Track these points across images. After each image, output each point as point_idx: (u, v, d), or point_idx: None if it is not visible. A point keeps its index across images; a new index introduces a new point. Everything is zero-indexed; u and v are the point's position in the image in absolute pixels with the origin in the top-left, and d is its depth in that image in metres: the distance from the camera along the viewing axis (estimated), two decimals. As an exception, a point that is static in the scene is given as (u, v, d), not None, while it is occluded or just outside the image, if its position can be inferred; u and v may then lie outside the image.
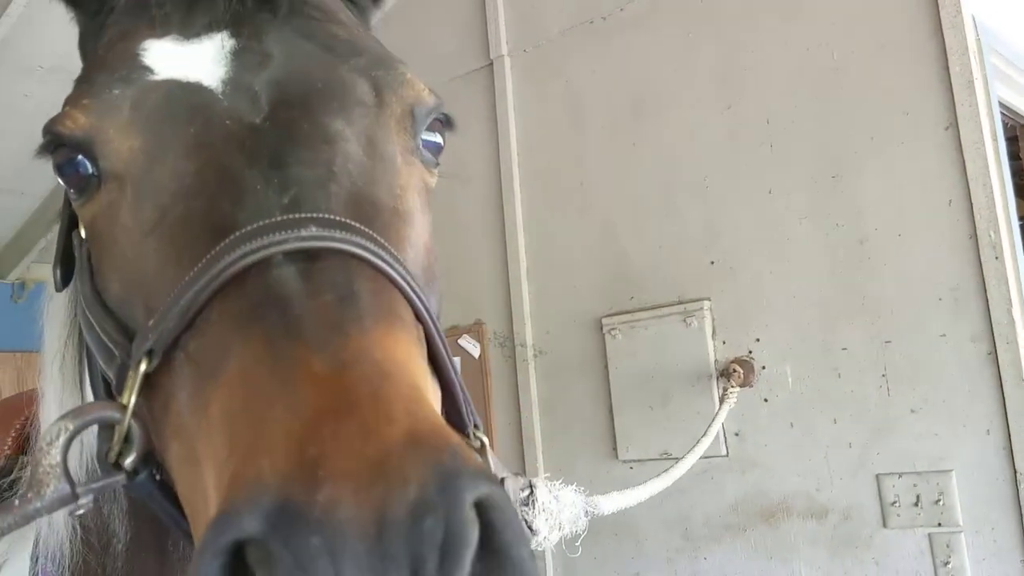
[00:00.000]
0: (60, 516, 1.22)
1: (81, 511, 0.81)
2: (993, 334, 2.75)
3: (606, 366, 3.58)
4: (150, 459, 0.82)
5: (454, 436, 0.64)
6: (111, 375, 0.88)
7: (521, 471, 3.60)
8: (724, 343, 3.28)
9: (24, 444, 1.85)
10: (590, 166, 3.73)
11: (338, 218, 0.80)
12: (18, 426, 1.88)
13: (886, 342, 2.93)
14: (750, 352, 3.20)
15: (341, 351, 0.68)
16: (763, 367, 3.16)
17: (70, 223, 1.04)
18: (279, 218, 0.78)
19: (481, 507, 0.61)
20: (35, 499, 0.77)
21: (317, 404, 0.63)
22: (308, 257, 0.76)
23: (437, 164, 1.04)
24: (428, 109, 1.01)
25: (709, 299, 3.32)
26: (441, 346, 0.84)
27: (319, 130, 0.88)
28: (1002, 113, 3.71)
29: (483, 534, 0.61)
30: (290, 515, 0.57)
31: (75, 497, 0.79)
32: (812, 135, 3.13)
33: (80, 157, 0.92)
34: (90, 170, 0.92)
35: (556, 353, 3.77)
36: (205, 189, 0.83)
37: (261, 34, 0.95)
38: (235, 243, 0.76)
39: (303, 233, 0.77)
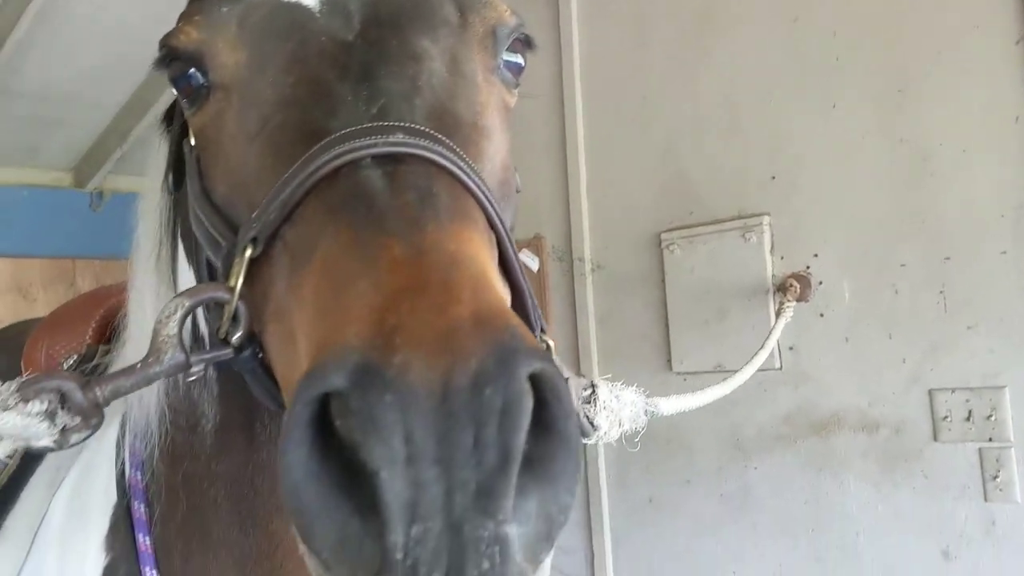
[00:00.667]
0: (152, 398, 1.35)
1: (192, 377, 0.92)
2: (1055, 252, 2.74)
3: (663, 280, 3.63)
4: (253, 339, 0.92)
5: (515, 318, 0.71)
6: (218, 264, 0.97)
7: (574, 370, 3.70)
8: (782, 258, 3.30)
9: (104, 334, 1.99)
10: (653, 81, 3.73)
11: (422, 128, 0.87)
12: (98, 317, 2.01)
13: (945, 259, 2.93)
14: (807, 267, 3.22)
15: (419, 241, 0.76)
16: (820, 282, 3.19)
17: (181, 133, 1.14)
18: (368, 124, 0.85)
19: (535, 380, 0.68)
20: (155, 364, 0.88)
21: (396, 284, 0.71)
22: (393, 160, 0.84)
23: (517, 84, 1.11)
24: (509, 29, 1.08)
25: (769, 214, 3.34)
26: (511, 252, 0.91)
27: (406, 47, 0.96)
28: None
29: (537, 404, 0.68)
30: (369, 374, 0.66)
31: (188, 365, 0.89)
32: (879, 48, 3.09)
33: (192, 69, 1.01)
34: (201, 81, 1.02)
35: (614, 267, 3.83)
36: (302, 99, 0.91)
37: None
38: (329, 145, 0.84)
39: (390, 139, 0.84)
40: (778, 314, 3.14)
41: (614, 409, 1.12)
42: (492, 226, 0.89)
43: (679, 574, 3.56)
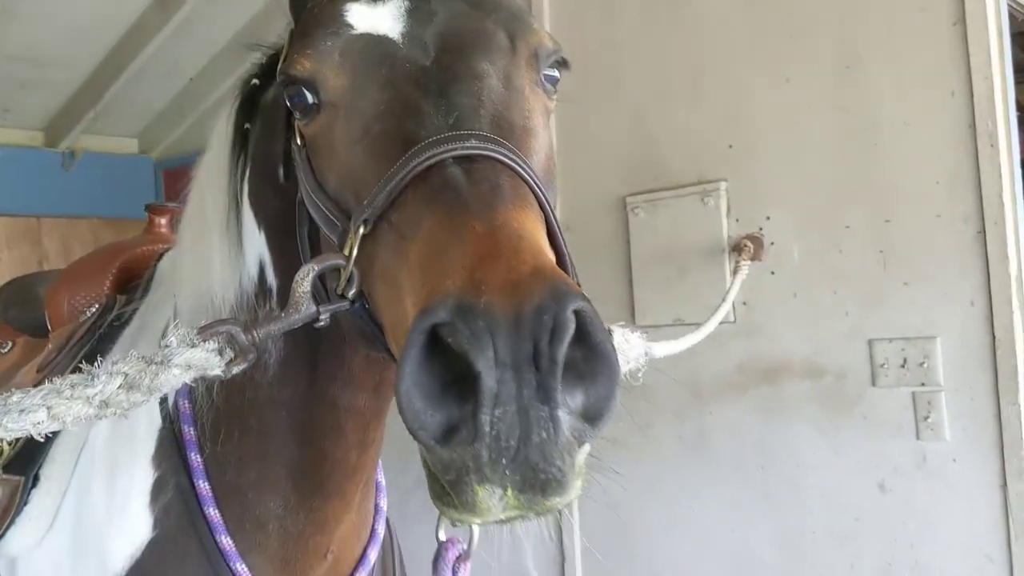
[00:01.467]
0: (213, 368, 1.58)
1: (321, 323, 1.19)
2: (983, 215, 3.03)
3: (628, 241, 3.88)
4: (361, 296, 1.18)
5: (562, 273, 0.99)
6: (334, 238, 1.23)
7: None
8: (737, 221, 3.57)
9: (120, 285, 2.17)
10: (620, 54, 3.95)
11: (489, 134, 1.13)
12: (115, 270, 2.19)
13: (886, 221, 3.22)
14: (760, 229, 3.50)
15: (492, 219, 1.03)
16: (772, 243, 3.47)
17: (288, 136, 1.40)
18: (449, 133, 1.12)
19: (578, 313, 0.94)
20: (294, 313, 1.16)
21: (478, 251, 0.98)
22: (469, 160, 1.10)
23: (555, 92, 1.39)
24: (548, 51, 1.35)
25: (726, 180, 3.60)
26: (556, 225, 1.17)
27: (471, 69, 1.22)
28: (1015, 8, 3.90)
29: (579, 331, 0.94)
30: (465, 309, 0.93)
31: (318, 314, 1.17)
32: (830, 27, 3.34)
33: (305, 91, 1.27)
34: (311, 100, 1.27)
35: (582, 229, 4.07)
36: (396, 112, 1.18)
37: None
38: (421, 150, 1.10)
39: (466, 144, 1.11)
40: (734, 272, 3.41)
41: (624, 350, 1.38)
42: (541, 206, 1.14)
43: (641, 511, 3.85)
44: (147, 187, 6.79)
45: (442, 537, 1.36)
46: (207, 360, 1.11)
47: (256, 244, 1.56)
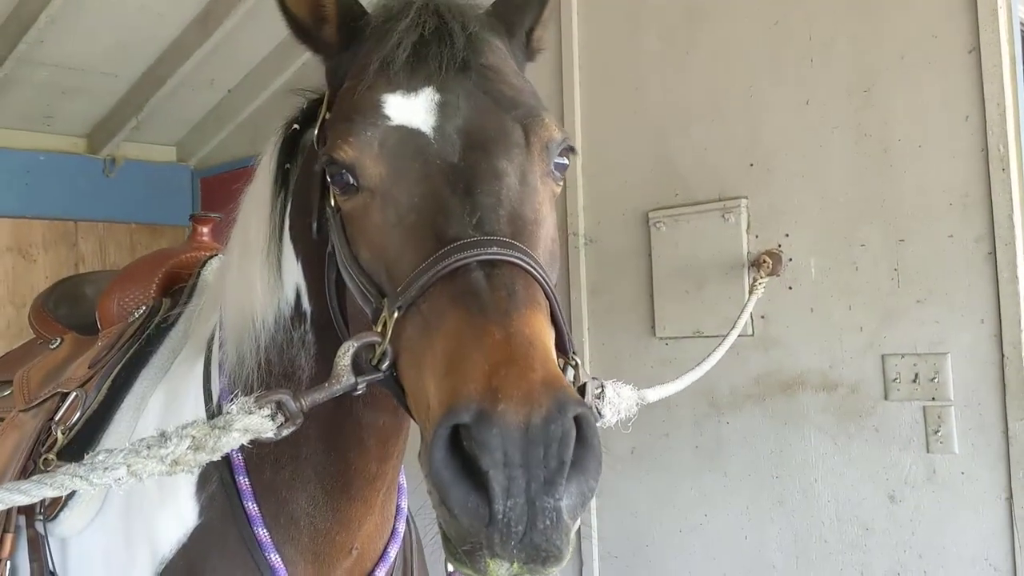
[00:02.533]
0: (248, 353, 1.75)
1: (359, 392, 1.34)
2: (994, 236, 3.13)
3: (650, 255, 4.01)
4: (393, 367, 1.34)
5: (565, 381, 1.18)
6: (367, 311, 1.40)
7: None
8: (757, 237, 3.69)
9: (165, 289, 2.31)
10: (644, 73, 4.09)
11: (507, 239, 1.31)
12: (161, 276, 2.33)
13: (900, 240, 3.33)
14: (779, 246, 3.62)
15: (508, 326, 1.19)
16: (790, 259, 3.58)
17: (322, 196, 1.55)
18: (474, 238, 1.29)
19: (577, 419, 1.13)
20: (335, 384, 1.31)
21: (495, 357, 1.15)
22: (491, 265, 1.27)
23: (562, 177, 1.54)
24: (558, 143, 1.49)
25: (746, 197, 3.72)
26: (557, 308, 1.33)
27: (493, 169, 1.38)
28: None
29: (577, 433, 1.13)
30: (483, 415, 1.11)
31: (356, 385, 1.32)
32: (849, 52, 3.47)
33: (347, 174, 1.42)
34: (352, 182, 1.42)
35: (605, 242, 4.21)
36: (427, 207, 1.34)
37: (456, 89, 1.43)
38: (450, 252, 1.27)
39: (489, 251, 1.28)
40: (752, 288, 3.52)
41: (615, 403, 1.53)
42: (547, 295, 1.31)
43: (658, 517, 3.96)
44: (184, 194, 6.98)
45: (450, 568, 1.50)
46: (262, 425, 1.26)
47: (294, 273, 1.72)
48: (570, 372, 1.36)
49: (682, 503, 3.89)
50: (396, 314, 1.29)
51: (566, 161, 1.53)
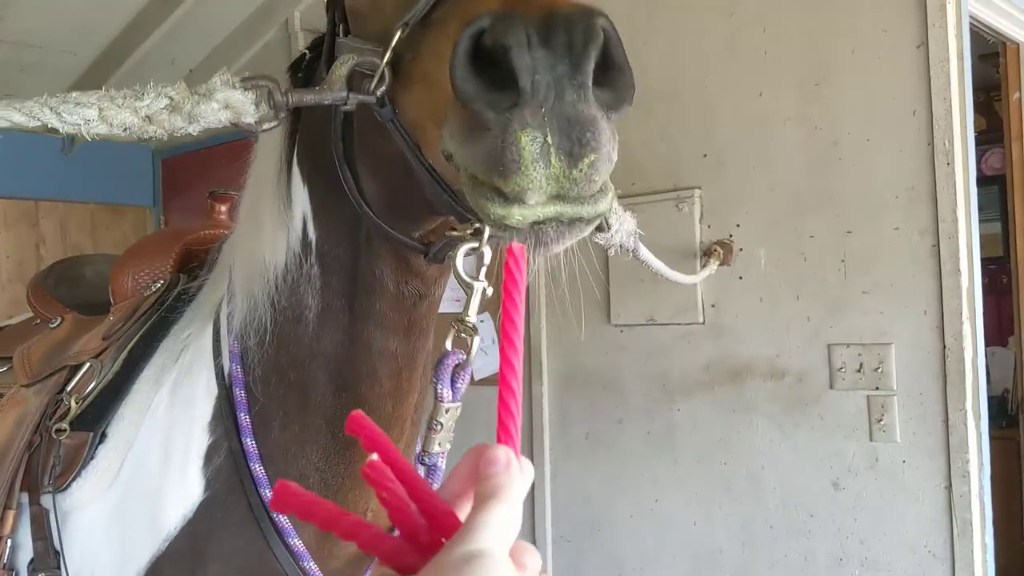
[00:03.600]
0: (262, 296, 1.66)
1: (348, 106, 1.25)
2: (938, 229, 3.19)
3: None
4: (392, 101, 1.24)
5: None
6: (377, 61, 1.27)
7: (526, 332, 4.10)
8: (709, 227, 3.73)
9: (182, 265, 2.25)
10: (603, 61, 4.10)
11: None
12: (178, 250, 2.27)
13: (847, 232, 3.38)
14: (731, 236, 3.66)
15: None
16: (740, 249, 3.63)
17: (331, 43, 1.46)
18: None
19: (604, 31, 1.03)
20: (327, 91, 1.24)
21: None
22: None
23: None
24: None
25: (700, 188, 3.76)
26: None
27: None
28: (985, 31, 4.07)
29: (603, 49, 1.03)
30: (503, 16, 1.00)
31: (347, 99, 1.24)
32: (801, 45, 3.50)
33: None
34: None
35: (562, 229, 4.23)
36: None
37: None
38: None
39: None
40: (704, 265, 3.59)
41: (621, 219, 1.49)
42: None
43: (609, 500, 4.02)
44: (146, 175, 6.90)
45: (448, 347, 1.43)
46: (243, 104, 1.19)
47: (302, 200, 1.63)
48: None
49: (634, 488, 3.95)
50: (400, 33, 1.17)
51: None
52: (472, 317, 1.41)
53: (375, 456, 0.67)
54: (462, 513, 0.67)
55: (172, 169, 6.69)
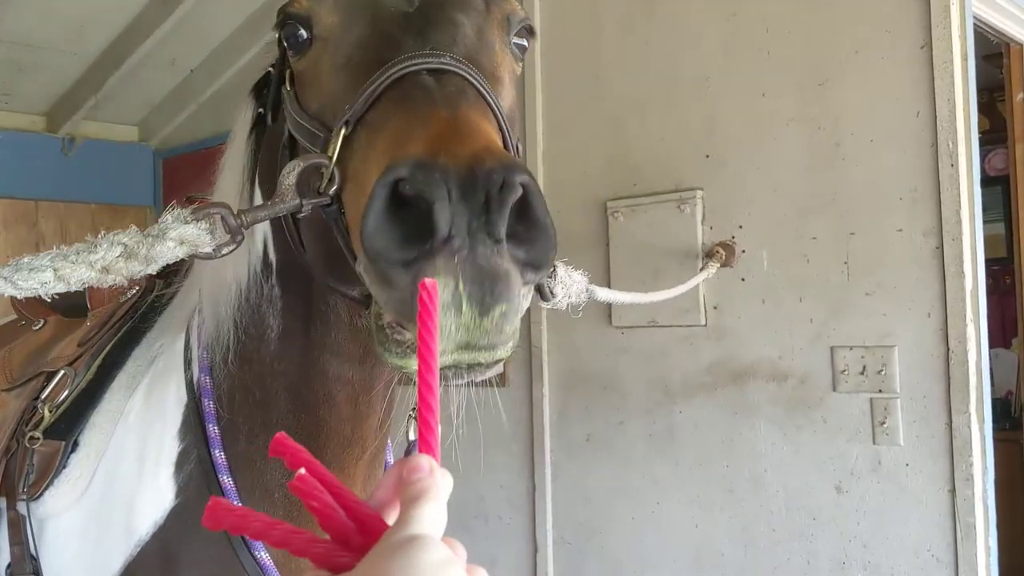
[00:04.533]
0: (226, 312, 1.70)
1: (303, 214, 1.27)
2: (942, 231, 3.17)
3: (607, 244, 4.02)
4: (339, 199, 1.27)
5: (513, 156, 1.11)
6: (316, 148, 1.33)
7: (526, 331, 4.09)
8: (711, 228, 3.71)
9: (159, 271, 2.26)
10: (605, 61, 4.09)
11: (462, 58, 1.25)
12: None
13: (850, 233, 3.36)
14: (733, 237, 3.64)
15: (455, 111, 1.14)
16: (743, 251, 3.61)
17: (280, 81, 1.53)
18: (425, 51, 1.24)
19: (524, 185, 1.03)
20: (279, 203, 1.25)
21: (440, 129, 1.08)
22: (441, 72, 1.22)
23: (521, 60, 1.51)
24: (518, 19, 1.47)
25: (702, 189, 3.74)
26: (513, 151, 1.27)
27: (449, 18, 1.34)
28: (988, 31, 4.05)
29: (522, 203, 1.04)
30: (423, 165, 1.02)
31: (300, 206, 1.26)
32: (804, 46, 3.48)
33: (300, 29, 1.40)
34: (305, 36, 1.40)
35: (564, 231, 4.14)
36: (377, 43, 1.30)
37: None
38: (398, 62, 1.22)
39: (441, 60, 1.23)
40: (703, 267, 3.57)
41: (567, 284, 1.51)
42: (500, 128, 1.25)
43: (611, 502, 4.00)
44: (146, 175, 6.90)
45: (411, 437, 1.46)
46: (199, 237, 1.20)
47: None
48: None
49: (635, 491, 3.93)
50: (343, 131, 1.23)
51: (525, 43, 1.50)
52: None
53: (303, 471, 0.73)
54: (390, 519, 0.71)
55: (173, 169, 6.68)
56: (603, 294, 1.86)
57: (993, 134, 5.56)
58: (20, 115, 6.36)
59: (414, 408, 1.46)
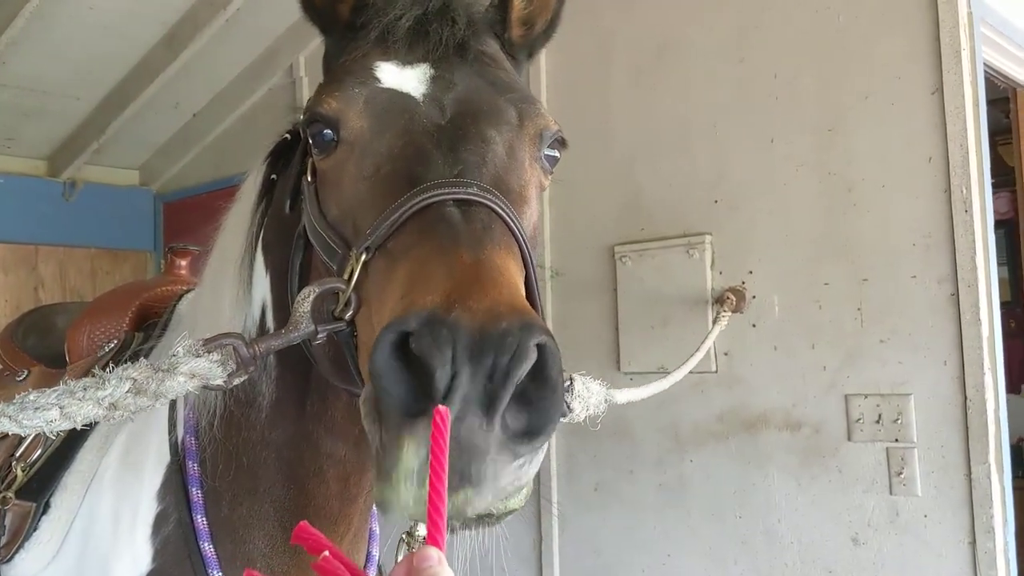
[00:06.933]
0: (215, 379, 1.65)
1: (318, 341, 1.24)
2: (957, 278, 3.13)
3: (615, 289, 3.98)
4: (352, 322, 1.24)
5: (533, 311, 1.06)
6: (332, 264, 1.31)
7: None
8: (721, 273, 3.67)
9: (138, 323, 2.23)
10: (613, 105, 4.08)
11: (488, 187, 1.22)
12: (135, 308, 2.24)
13: (863, 280, 3.32)
14: (743, 283, 3.60)
15: (480, 254, 1.11)
16: (753, 296, 3.56)
17: (300, 173, 1.49)
18: (452, 179, 1.21)
19: (540, 347, 1.01)
20: (293, 331, 1.22)
21: (461, 276, 1.06)
22: (468, 204, 1.19)
23: (551, 172, 1.50)
24: (551, 134, 1.45)
25: (711, 233, 3.70)
26: (533, 277, 1.25)
27: (480, 134, 1.31)
28: (995, 76, 4.04)
29: (537, 365, 1.01)
30: (434, 321, 0.99)
31: (315, 333, 1.23)
32: (814, 91, 3.47)
33: (327, 128, 1.36)
34: (330, 137, 1.36)
35: (572, 275, 4.17)
36: (407, 157, 1.26)
37: (452, 69, 1.38)
38: (425, 189, 1.19)
39: (467, 190, 1.20)
40: (715, 323, 3.51)
41: (585, 397, 1.46)
42: (523, 258, 1.23)
43: (620, 554, 3.91)
44: (147, 219, 6.85)
45: (399, 559, 1.43)
46: (210, 370, 1.17)
47: (262, 287, 1.65)
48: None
49: (645, 542, 3.84)
50: (363, 256, 1.20)
51: (557, 154, 1.49)
52: (422, 531, 1.42)
53: (327, 553, 0.81)
54: None
55: (174, 212, 6.64)
56: (622, 397, 1.83)
57: (996, 178, 5.54)
58: (22, 159, 6.34)
59: (406, 532, 1.46)
